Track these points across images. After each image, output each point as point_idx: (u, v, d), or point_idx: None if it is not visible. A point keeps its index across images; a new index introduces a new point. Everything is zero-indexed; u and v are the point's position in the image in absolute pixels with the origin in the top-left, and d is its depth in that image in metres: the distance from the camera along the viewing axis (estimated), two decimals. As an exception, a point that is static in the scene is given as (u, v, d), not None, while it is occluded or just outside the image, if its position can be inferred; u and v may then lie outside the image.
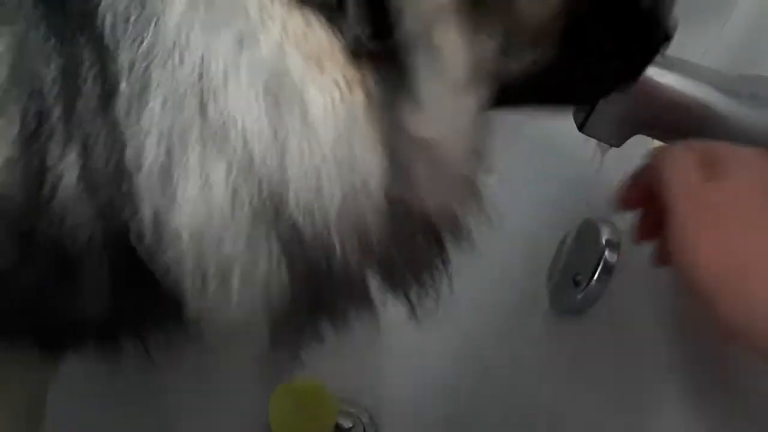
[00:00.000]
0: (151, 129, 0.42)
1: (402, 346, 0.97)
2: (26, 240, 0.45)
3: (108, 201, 0.44)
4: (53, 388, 0.68)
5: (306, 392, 0.93)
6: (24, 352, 0.56)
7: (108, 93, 0.42)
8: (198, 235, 0.44)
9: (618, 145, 0.65)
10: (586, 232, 0.76)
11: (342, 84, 0.44)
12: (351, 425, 0.94)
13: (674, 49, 0.57)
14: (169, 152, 0.42)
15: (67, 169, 0.43)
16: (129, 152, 0.42)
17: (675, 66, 0.63)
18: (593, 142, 0.66)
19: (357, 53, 0.44)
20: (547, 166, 0.82)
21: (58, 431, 0.71)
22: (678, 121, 0.63)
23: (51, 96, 0.42)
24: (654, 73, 0.61)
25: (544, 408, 0.77)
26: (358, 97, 0.44)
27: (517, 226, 0.80)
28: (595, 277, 0.73)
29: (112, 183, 0.43)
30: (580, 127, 0.64)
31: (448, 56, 0.45)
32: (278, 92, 0.42)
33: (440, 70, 0.45)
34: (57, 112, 0.42)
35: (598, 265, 0.73)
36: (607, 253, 0.73)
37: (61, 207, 0.43)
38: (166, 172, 0.43)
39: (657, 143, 0.66)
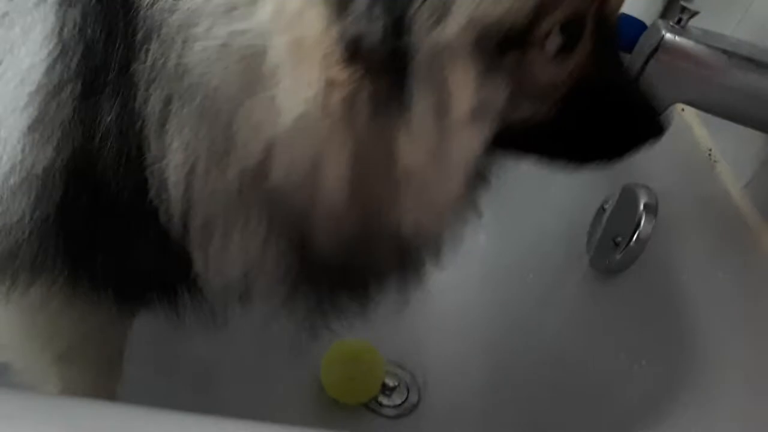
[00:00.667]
0: (152, 76, 0.44)
1: (445, 310, 1.02)
2: (108, 203, 0.50)
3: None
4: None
5: (356, 353, 0.98)
6: (104, 305, 0.62)
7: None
8: (188, 193, 0.46)
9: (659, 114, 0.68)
10: (626, 197, 0.80)
11: (320, 84, 0.41)
12: (396, 384, 0.99)
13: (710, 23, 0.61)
14: (165, 105, 0.44)
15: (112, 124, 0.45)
16: (140, 105, 0.45)
17: (710, 37, 0.66)
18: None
19: (353, 55, 0.41)
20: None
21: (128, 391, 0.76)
22: (711, 92, 0.66)
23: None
24: (695, 46, 0.64)
25: (577, 363, 0.82)
26: (335, 106, 0.42)
27: (559, 192, 0.85)
28: (634, 239, 0.77)
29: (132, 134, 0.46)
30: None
31: (454, 92, 0.43)
32: (251, 70, 0.42)
33: (442, 103, 0.43)
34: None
35: (636, 228, 0.77)
36: (644, 217, 0.77)
37: (114, 160, 0.47)
38: (162, 126, 0.45)
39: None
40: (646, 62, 0.64)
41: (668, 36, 0.64)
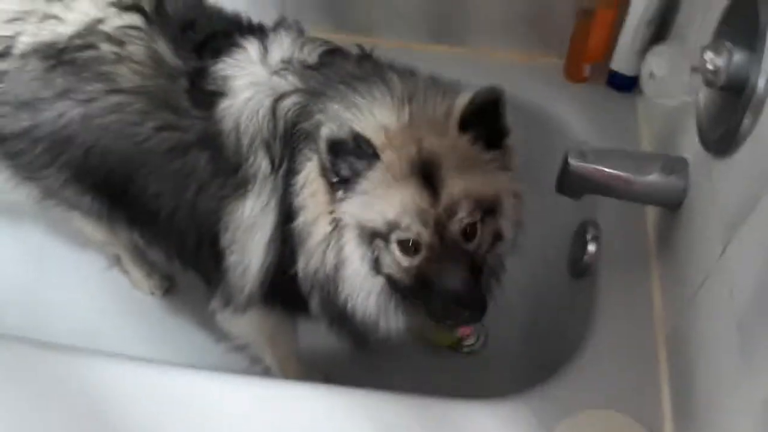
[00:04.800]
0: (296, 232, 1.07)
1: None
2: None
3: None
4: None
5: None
6: (287, 313, 1.29)
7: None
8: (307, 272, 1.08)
9: (577, 199, 1.22)
10: (581, 229, 1.35)
11: (329, 218, 1.01)
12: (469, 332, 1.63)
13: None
14: (303, 240, 1.06)
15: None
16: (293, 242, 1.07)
17: (605, 155, 1.18)
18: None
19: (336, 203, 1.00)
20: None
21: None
22: (610, 186, 1.19)
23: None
24: (593, 161, 1.16)
25: (560, 322, 1.39)
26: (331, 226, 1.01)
27: (551, 226, 1.40)
28: (585, 257, 1.32)
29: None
30: (557, 189, 1.22)
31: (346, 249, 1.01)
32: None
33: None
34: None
35: (586, 250, 1.32)
36: (590, 244, 1.32)
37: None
38: (300, 249, 1.08)
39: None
40: (562, 179, 1.18)
41: (572, 162, 1.17)
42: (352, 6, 1.70)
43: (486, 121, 0.99)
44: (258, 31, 1.19)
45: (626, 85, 1.57)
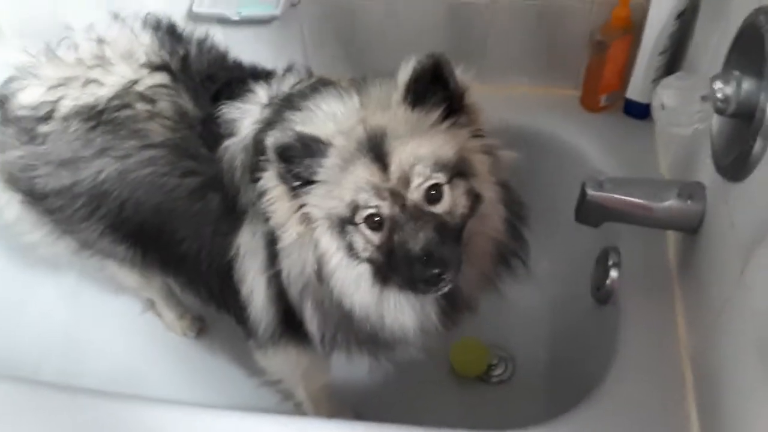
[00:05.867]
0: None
1: (523, 317, 1.64)
2: None
3: None
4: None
5: (471, 343, 1.64)
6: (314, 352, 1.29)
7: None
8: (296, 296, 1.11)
9: (597, 227, 1.25)
10: (603, 255, 1.36)
11: (298, 216, 1.02)
12: (496, 361, 1.64)
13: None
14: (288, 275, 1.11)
15: None
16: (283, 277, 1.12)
17: (622, 184, 1.21)
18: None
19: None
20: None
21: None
22: (628, 214, 1.21)
23: None
24: (610, 190, 1.19)
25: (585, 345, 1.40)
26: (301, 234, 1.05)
27: (578, 254, 1.42)
28: (607, 283, 1.34)
29: None
30: (576, 218, 1.25)
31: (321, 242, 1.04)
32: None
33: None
34: None
35: (608, 276, 1.33)
36: (612, 270, 1.33)
37: None
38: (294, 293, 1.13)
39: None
40: (580, 209, 1.21)
41: (590, 191, 1.20)
42: (373, 51, 1.75)
43: (437, 86, 1.00)
44: (268, 76, 1.26)
45: (642, 112, 1.60)
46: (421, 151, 0.98)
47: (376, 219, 0.99)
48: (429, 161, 0.98)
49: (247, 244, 1.16)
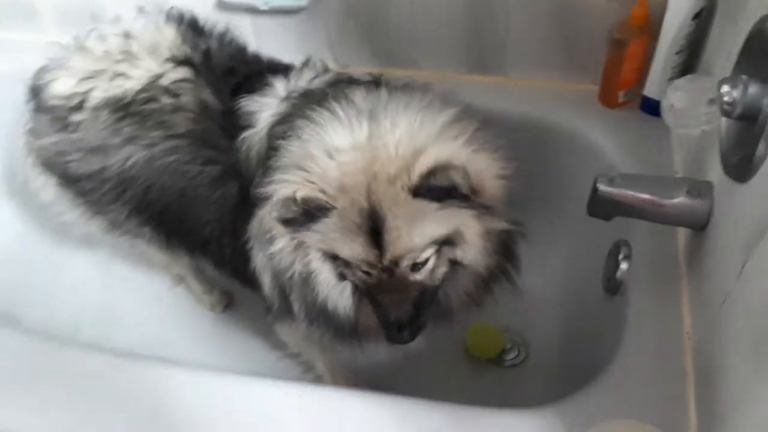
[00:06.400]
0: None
1: (537, 303, 1.70)
2: None
3: None
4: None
5: (485, 328, 1.71)
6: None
7: None
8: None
9: (608, 220, 1.30)
10: (614, 248, 1.41)
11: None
12: (510, 345, 1.70)
13: None
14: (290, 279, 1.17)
15: None
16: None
17: (632, 180, 1.25)
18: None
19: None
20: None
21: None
22: (638, 209, 1.25)
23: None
24: (621, 186, 1.23)
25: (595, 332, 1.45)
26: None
27: (591, 246, 1.47)
28: (618, 275, 1.39)
29: None
30: (588, 212, 1.30)
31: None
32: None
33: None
34: None
35: (618, 267, 1.38)
36: (623, 262, 1.38)
37: None
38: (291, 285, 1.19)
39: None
40: (592, 203, 1.26)
41: (601, 187, 1.25)
42: (395, 42, 1.80)
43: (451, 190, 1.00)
44: (287, 70, 1.33)
45: (658, 110, 1.63)
46: (416, 240, 1.02)
47: (366, 271, 1.07)
48: (423, 246, 1.04)
49: (256, 229, 1.23)
